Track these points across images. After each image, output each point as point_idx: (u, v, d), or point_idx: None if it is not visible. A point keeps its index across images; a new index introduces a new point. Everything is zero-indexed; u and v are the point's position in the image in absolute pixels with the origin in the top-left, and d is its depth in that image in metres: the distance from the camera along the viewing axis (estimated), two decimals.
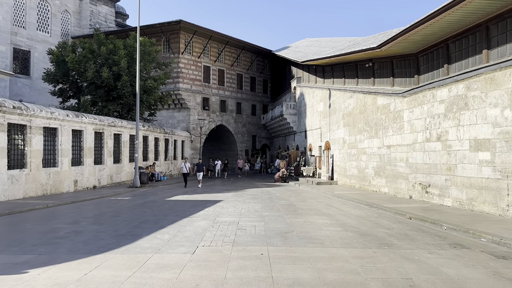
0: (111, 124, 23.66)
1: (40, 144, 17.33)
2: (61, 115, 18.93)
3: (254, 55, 44.48)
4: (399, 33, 15.43)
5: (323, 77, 30.38)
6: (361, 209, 14.35)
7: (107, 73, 26.58)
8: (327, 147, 28.25)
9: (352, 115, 23.51)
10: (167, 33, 37.08)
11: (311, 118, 32.20)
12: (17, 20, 34.44)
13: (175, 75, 36.94)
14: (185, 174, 24.61)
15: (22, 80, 34.85)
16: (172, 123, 38.61)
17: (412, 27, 14.38)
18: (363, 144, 21.85)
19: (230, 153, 44.41)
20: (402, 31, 15.14)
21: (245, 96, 44.07)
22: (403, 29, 15.05)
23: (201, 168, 25.03)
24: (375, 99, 20.47)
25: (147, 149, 29.13)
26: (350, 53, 21.29)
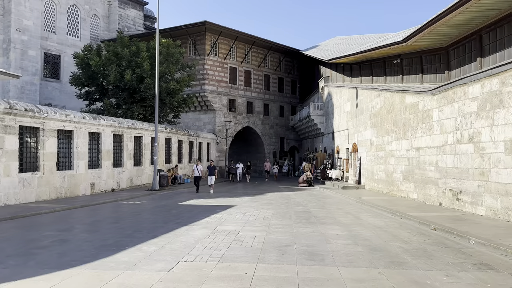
0: (131, 127, 23.43)
1: (54, 147, 17.19)
2: (77, 117, 18.78)
3: (282, 55, 43.50)
4: (425, 24, 14.07)
5: (351, 75, 29.00)
6: (382, 218, 13.12)
7: (130, 76, 26.50)
8: (354, 149, 26.86)
9: (379, 115, 22.10)
10: (193, 35, 36.81)
11: (338, 118, 30.86)
12: (47, 25, 35.24)
13: (201, 77, 36.59)
14: (197, 177, 22.31)
15: (52, 84, 35.61)
16: (199, 125, 38.29)
17: (439, 17, 13.02)
18: (391, 146, 20.42)
19: (257, 155, 43.62)
20: (429, 21, 13.79)
21: (272, 97, 43.16)
22: (430, 19, 13.69)
23: (212, 172, 22.53)
24: (403, 97, 19.03)
25: (170, 151, 28.81)
26: (375, 49, 19.97)
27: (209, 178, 22.45)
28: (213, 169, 22.70)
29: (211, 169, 22.61)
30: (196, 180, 22.24)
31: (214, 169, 22.84)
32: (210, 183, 22.33)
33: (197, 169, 22.15)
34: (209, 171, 22.57)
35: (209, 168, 22.84)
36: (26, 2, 32.07)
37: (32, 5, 32.56)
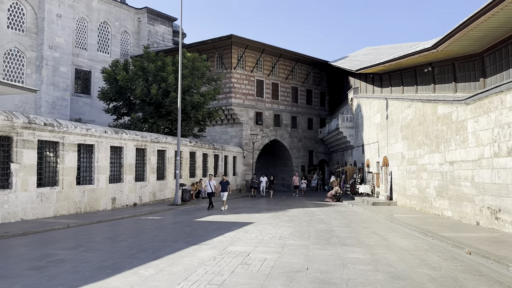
0: (154, 140, 23.28)
1: (73, 161, 17.13)
2: (98, 131, 18.73)
3: (310, 67, 42.76)
4: (455, 29, 13.02)
5: (380, 86, 27.86)
6: (412, 238, 12.01)
7: (156, 90, 26.55)
8: (385, 163, 25.57)
9: (410, 127, 20.86)
10: (219, 49, 36.78)
11: (368, 131, 29.64)
12: (79, 42, 36.20)
13: (227, 90, 36.38)
14: (210, 194, 20.88)
15: (83, 99, 36.39)
16: (225, 139, 37.97)
17: (469, 20, 11.97)
18: (423, 159, 19.13)
19: (285, 169, 42.74)
20: (459, 26, 12.74)
21: (300, 109, 42.35)
22: (460, 23, 12.65)
23: (225, 187, 20.79)
24: (435, 107, 17.81)
25: (195, 165, 28.50)
26: (403, 57, 18.91)
27: (222, 194, 20.81)
28: (226, 184, 21.01)
29: (224, 185, 20.96)
30: (209, 196, 21.02)
31: (227, 184, 21.11)
32: (223, 199, 20.66)
33: (209, 184, 20.89)
34: (222, 187, 20.94)
35: (221, 183, 21.17)
36: (59, 21, 33.07)
37: (64, 23, 33.54)
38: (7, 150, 14.25)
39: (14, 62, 31.74)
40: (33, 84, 32.50)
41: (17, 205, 14.39)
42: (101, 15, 38.01)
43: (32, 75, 32.53)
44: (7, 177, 14.20)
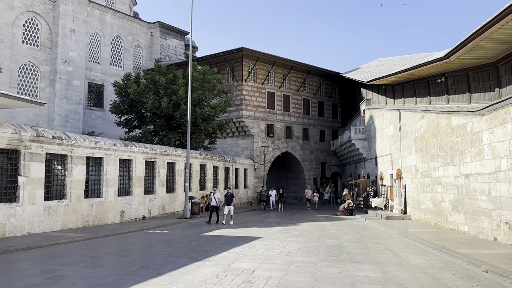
0: (164, 153, 23.18)
1: (81, 174, 17.07)
2: (107, 144, 18.70)
3: (321, 79, 42.51)
4: (468, 38, 12.65)
5: (393, 97, 27.42)
6: (426, 255, 11.51)
7: (167, 103, 26.60)
8: (398, 176, 24.98)
9: (424, 139, 20.35)
10: (230, 62, 36.85)
11: (381, 143, 29.11)
12: (92, 57, 36.67)
13: (238, 102, 36.31)
14: (213, 207, 20.10)
15: (95, 112, 36.71)
16: (236, 151, 37.78)
17: (482, 29, 11.61)
18: (438, 172, 18.57)
19: (297, 181, 42.26)
20: (472, 34, 12.37)
21: (312, 121, 42.00)
22: (473, 32, 12.28)
23: (230, 201, 19.86)
24: (448, 119, 17.33)
25: (205, 178, 28.30)
26: (415, 67, 18.52)
27: (226, 208, 19.81)
28: (230, 197, 20.00)
29: (228, 198, 19.98)
30: (212, 210, 20.22)
31: (231, 197, 20.04)
32: (225, 213, 19.73)
33: (214, 197, 20.17)
34: (226, 200, 19.97)
35: (226, 196, 20.21)
36: (72, 35, 33.59)
37: (77, 38, 34.05)
38: (15, 163, 14.25)
39: (29, 76, 32.24)
40: (47, 98, 32.94)
41: (24, 219, 14.33)
42: (114, 30, 38.53)
43: (46, 88, 32.98)
44: (14, 190, 14.17)
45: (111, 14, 38.28)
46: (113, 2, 41.19)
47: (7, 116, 30.34)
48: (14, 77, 31.10)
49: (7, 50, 30.37)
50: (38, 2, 32.34)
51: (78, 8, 34.15)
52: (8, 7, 30.50)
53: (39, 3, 32.43)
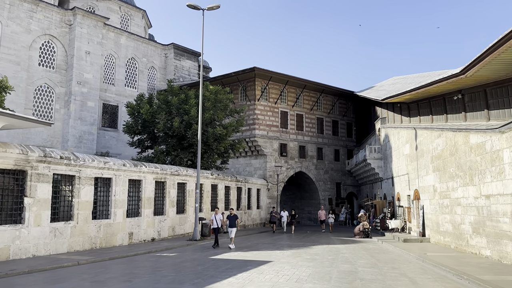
0: (174, 173, 22.92)
1: (89, 195, 16.86)
2: (116, 164, 18.53)
3: (335, 98, 42.10)
4: (484, 52, 12.14)
5: (408, 115, 26.78)
6: (445, 282, 10.77)
7: (178, 123, 26.53)
8: (416, 197, 24.11)
9: (441, 158, 19.60)
10: (243, 82, 36.84)
11: (397, 162, 28.32)
12: (107, 78, 37.13)
13: (251, 122, 36.09)
14: (216, 229, 19.00)
15: (110, 133, 36.92)
16: (249, 171, 37.35)
17: (499, 43, 11.12)
18: (456, 193, 17.77)
19: (312, 202, 41.41)
20: (488, 49, 11.86)
21: (326, 140, 41.40)
22: (489, 46, 11.77)
23: (234, 222, 18.70)
24: (466, 137, 16.64)
25: (216, 198, 27.87)
26: (430, 84, 17.99)
27: (229, 230, 18.71)
28: (234, 219, 18.85)
29: (231, 219, 18.83)
30: (214, 232, 19.02)
31: (235, 219, 18.92)
32: (231, 236, 18.60)
33: (215, 219, 19.05)
34: (229, 222, 18.83)
35: (229, 218, 19.00)
36: (87, 57, 34.13)
37: (92, 60, 34.58)
38: (21, 184, 14.12)
39: (44, 98, 32.72)
40: (61, 119, 33.30)
41: (29, 241, 14.09)
42: (129, 52, 39.08)
43: (60, 110, 33.38)
44: (20, 211, 13.99)
45: (126, 36, 38.91)
46: (128, 25, 41.96)
47: (22, 137, 30.70)
48: (29, 99, 31.58)
49: (23, 72, 30.95)
50: (54, 26, 33.07)
51: (93, 30, 34.80)
52: (26, 31, 31.24)
53: (56, 26, 33.16)
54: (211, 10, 23.47)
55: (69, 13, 33.79)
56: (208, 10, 23.47)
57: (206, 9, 23.48)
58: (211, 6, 23.27)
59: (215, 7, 23.30)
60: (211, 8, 23.30)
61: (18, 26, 30.81)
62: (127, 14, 41.94)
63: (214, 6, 23.27)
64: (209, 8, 23.37)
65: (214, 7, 23.31)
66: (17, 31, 30.72)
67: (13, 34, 30.49)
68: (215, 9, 23.43)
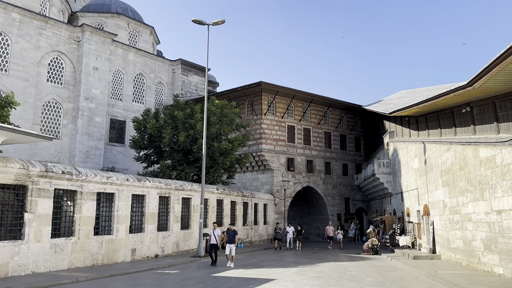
0: (179, 188, 22.69)
1: (91, 210, 16.67)
2: (120, 179, 18.37)
3: (343, 112, 41.79)
4: (491, 63, 11.82)
5: (417, 129, 26.34)
6: None
7: (184, 137, 26.46)
8: (426, 212, 23.52)
9: (451, 172, 19.11)
10: (250, 96, 36.79)
11: (406, 177, 27.77)
12: (115, 93, 37.37)
13: (258, 136, 35.89)
14: (213, 246, 18.14)
15: (117, 148, 36.97)
16: (256, 186, 36.99)
17: (507, 53, 10.78)
18: (467, 208, 17.23)
19: (320, 217, 40.75)
20: (495, 60, 11.55)
21: (334, 155, 40.95)
22: (496, 57, 11.46)
23: (232, 239, 17.90)
24: (476, 150, 16.19)
25: (222, 213, 27.51)
26: (437, 97, 17.64)
27: (227, 246, 17.81)
28: (233, 235, 18.12)
29: (230, 235, 18.15)
30: (211, 249, 18.18)
31: (234, 234, 18.20)
32: (227, 253, 17.71)
33: (213, 234, 18.27)
34: (228, 238, 18.16)
35: (228, 233, 18.45)
36: (95, 73, 34.43)
37: (100, 75, 34.87)
38: (21, 199, 13.98)
39: (52, 113, 32.95)
40: (69, 134, 33.45)
41: (28, 257, 13.88)
42: (136, 67, 39.39)
43: (68, 125, 33.57)
44: (20, 227, 13.82)
45: (134, 52, 39.28)
46: (136, 41, 42.41)
47: (29, 153, 30.84)
48: (37, 114, 31.82)
49: (32, 88, 31.27)
50: (63, 42, 33.50)
51: (101, 47, 35.18)
52: (35, 48, 31.67)
53: (64, 43, 33.59)
54: (216, 25, 23.53)
55: (78, 29, 34.24)
56: (213, 25, 23.53)
57: (211, 24, 23.53)
58: (216, 21, 23.33)
59: (220, 22, 23.36)
60: (216, 23, 23.37)
61: (28, 43, 31.26)
62: (135, 30, 42.43)
63: (219, 21, 23.35)
64: (214, 23, 23.43)
65: (219, 22, 23.37)
66: (26, 48, 31.16)
67: (22, 51, 30.92)
68: (220, 24, 23.49)
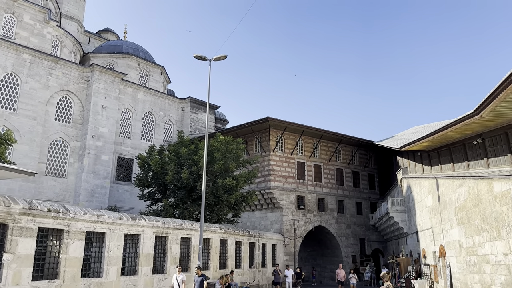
0: (178, 227, 21.70)
1: (79, 250, 15.79)
2: (112, 218, 17.56)
3: (354, 148, 40.66)
4: (497, 88, 10.88)
5: (429, 164, 25.06)
6: None
7: (187, 174, 25.78)
8: (442, 254, 21.81)
9: (465, 209, 17.69)
10: (258, 132, 36.23)
11: (421, 215, 26.17)
12: (123, 132, 37.37)
13: (266, 173, 34.95)
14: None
15: (123, 187, 36.50)
16: (265, 225, 35.62)
17: None
18: (484, 249, 15.70)
19: (334, 259, 38.72)
20: (502, 83, 10.62)
21: (347, 193, 39.45)
22: (502, 80, 10.54)
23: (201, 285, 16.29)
24: (490, 185, 14.90)
25: (226, 254, 26.19)
26: (445, 128, 16.62)
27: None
28: (201, 281, 16.30)
29: (198, 283, 16.41)
30: None
31: (203, 281, 16.28)
32: None
33: (176, 280, 16.57)
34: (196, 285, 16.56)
35: (195, 280, 16.74)
36: (103, 112, 34.60)
37: (108, 114, 35.01)
38: (1, 239, 13.28)
39: (59, 152, 32.94)
40: (75, 173, 33.22)
41: None
42: (146, 106, 39.58)
43: (74, 164, 33.41)
44: None
45: (144, 91, 39.60)
46: (146, 80, 42.95)
47: (34, 192, 30.59)
48: (44, 153, 31.81)
49: (39, 127, 31.45)
50: (72, 81, 34.00)
51: (110, 86, 35.55)
52: (44, 87, 32.15)
53: (74, 82, 34.07)
54: (218, 60, 23.30)
55: (87, 69, 34.82)
56: (215, 60, 23.34)
57: (213, 60, 23.35)
58: (217, 57, 23.16)
59: (222, 57, 23.17)
60: (218, 58, 23.18)
61: (37, 83, 31.78)
62: (145, 70, 43.07)
63: (221, 56, 23.17)
64: (216, 59, 23.24)
65: (221, 58, 23.18)
66: (36, 88, 31.64)
67: (31, 90, 31.40)
68: (222, 59, 23.29)
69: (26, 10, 33.30)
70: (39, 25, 33.90)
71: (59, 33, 36.31)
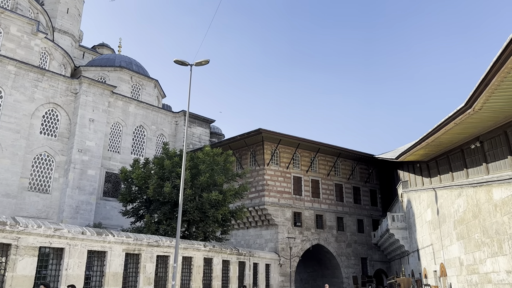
0: (153, 244, 20.02)
1: (29, 268, 14.22)
2: (72, 232, 16.01)
3: (354, 162, 38.75)
4: (489, 72, 9.23)
5: (429, 175, 23.20)
6: None
7: (169, 188, 24.20)
8: (442, 273, 19.73)
9: (464, 222, 15.79)
10: (252, 146, 34.66)
11: (421, 231, 24.16)
12: (112, 146, 36.13)
13: (260, 188, 33.21)
14: None
15: (111, 203, 35.01)
16: (260, 243, 33.65)
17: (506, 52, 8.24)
18: (485, 266, 13.74)
19: (334, 280, 36.38)
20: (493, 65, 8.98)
21: (347, 209, 37.38)
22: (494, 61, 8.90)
23: None
24: (489, 192, 13.08)
25: (211, 275, 24.28)
26: (438, 129, 14.88)
27: None
28: None
29: None
30: None
31: None
32: None
33: None
34: None
35: None
36: (91, 125, 33.47)
37: (96, 127, 33.85)
38: None
39: (43, 167, 31.73)
40: (59, 188, 31.88)
41: None
42: (137, 119, 38.44)
43: (59, 179, 32.10)
44: None
45: (135, 104, 38.54)
46: (139, 94, 41.97)
47: (15, 208, 29.25)
48: (27, 167, 30.59)
49: (23, 140, 30.34)
50: (60, 94, 33.04)
51: (99, 98, 34.51)
52: (29, 99, 31.20)
53: (61, 95, 33.12)
54: (199, 65, 21.97)
55: (75, 81, 33.88)
56: (196, 65, 22.03)
57: (194, 65, 22.04)
58: (199, 61, 21.84)
59: (204, 62, 21.84)
60: (200, 63, 21.85)
61: (22, 95, 30.84)
62: (138, 84, 42.13)
63: (202, 61, 21.83)
64: (197, 64, 21.92)
65: (202, 63, 21.85)
66: (20, 100, 30.68)
67: (15, 103, 30.43)
68: (203, 64, 21.96)
69: (13, 22, 32.69)
70: (26, 37, 33.22)
71: (48, 45, 35.61)
